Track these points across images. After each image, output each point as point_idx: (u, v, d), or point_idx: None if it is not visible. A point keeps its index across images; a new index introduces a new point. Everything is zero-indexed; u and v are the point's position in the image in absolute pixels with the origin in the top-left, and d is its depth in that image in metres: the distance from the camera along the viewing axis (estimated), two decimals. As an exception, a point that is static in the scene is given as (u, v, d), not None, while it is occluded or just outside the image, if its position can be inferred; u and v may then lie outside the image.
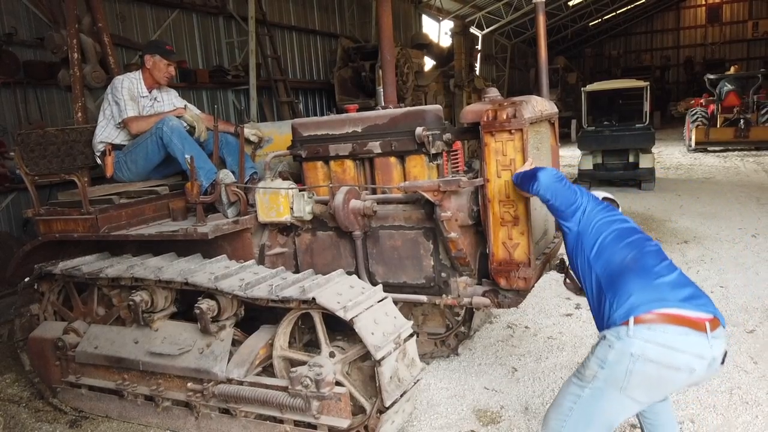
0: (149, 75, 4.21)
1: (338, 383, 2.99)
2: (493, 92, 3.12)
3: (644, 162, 11.08)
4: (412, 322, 3.08)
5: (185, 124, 4.06)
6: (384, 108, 3.77)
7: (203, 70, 9.30)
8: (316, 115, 12.50)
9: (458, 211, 3.03)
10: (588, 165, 11.50)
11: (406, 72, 11.12)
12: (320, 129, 3.57)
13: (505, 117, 2.81)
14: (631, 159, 11.25)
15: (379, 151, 3.38)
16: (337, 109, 10.76)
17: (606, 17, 31.53)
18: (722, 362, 2.04)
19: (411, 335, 3.05)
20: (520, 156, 2.81)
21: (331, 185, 3.37)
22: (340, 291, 3.02)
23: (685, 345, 1.99)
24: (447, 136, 3.28)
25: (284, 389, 3.02)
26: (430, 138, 3.20)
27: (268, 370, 3.32)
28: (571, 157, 15.20)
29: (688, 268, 6.12)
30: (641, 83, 12.28)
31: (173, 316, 3.63)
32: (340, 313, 2.83)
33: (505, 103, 2.88)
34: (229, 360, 3.26)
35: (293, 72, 11.97)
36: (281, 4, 11.64)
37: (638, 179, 11.15)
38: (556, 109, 3.39)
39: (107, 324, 3.77)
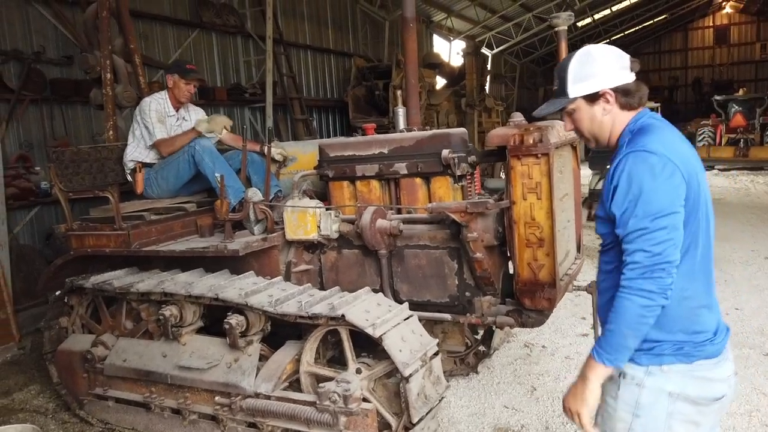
0: (173, 94, 4.34)
1: (365, 399, 3.05)
2: (518, 117, 3.22)
3: None
4: (437, 340, 3.15)
5: (213, 137, 4.22)
6: (408, 130, 3.89)
7: (221, 88, 9.49)
8: (330, 133, 12.66)
9: (484, 232, 3.11)
10: (599, 185, 11.59)
11: (419, 91, 11.26)
12: (347, 150, 3.68)
13: (531, 141, 2.90)
14: (642, 178, 11.34)
15: (405, 172, 3.48)
16: (353, 128, 10.90)
17: (614, 38, 31.81)
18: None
19: (436, 353, 3.12)
20: (546, 179, 2.90)
21: (358, 205, 3.46)
22: (367, 308, 3.09)
23: (720, 371, 1.74)
24: (472, 158, 3.38)
25: (312, 404, 3.08)
26: (456, 160, 3.29)
27: (293, 385, 3.38)
28: (583, 176, 15.28)
29: (702, 288, 6.16)
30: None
31: (200, 331, 3.71)
32: (369, 330, 2.90)
33: (532, 128, 2.98)
34: (256, 375, 3.33)
35: (308, 90, 12.16)
36: (297, 24, 11.86)
37: None
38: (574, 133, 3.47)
39: (135, 337, 3.86)
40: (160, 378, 3.59)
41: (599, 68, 1.80)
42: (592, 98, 1.83)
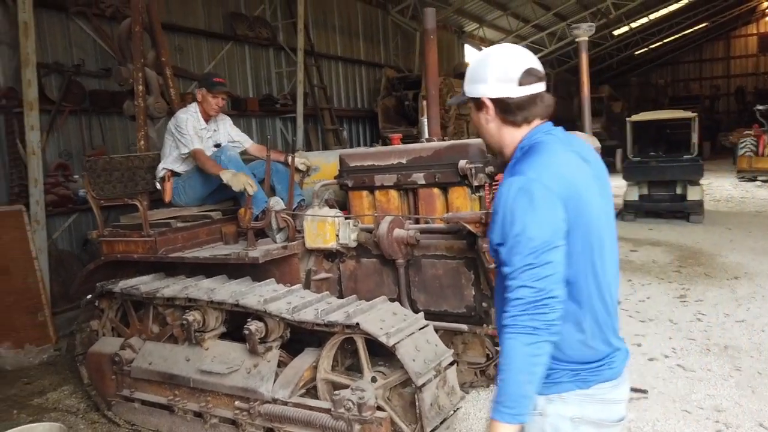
0: (202, 108, 4.47)
1: (380, 408, 3.07)
2: (536, 128, 3.21)
3: (692, 194, 10.88)
4: (452, 351, 3.15)
5: (239, 147, 4.37)
6: (428, 140, 3.92)
7: (253, 98, 9.69)
8: (360, 142, 12.78)
9: (500, 243, 3.10)
10: (634, 196, 11.37)
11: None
12: (366, 160, 3.73)
13: (547, 153, 2.89)
14: (679, 191, 11.06)
15: (423, 182, 3.51)
16: (382, 138, 10.98)
17: (652, 46, 31.20)
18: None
19: (451, 363, 3.12)
20: (562, 191, 2.88)
21: (375, 214, 3.51)
22: (383, 317, 3.12)
23: (618, 393, 1.69)
24: (489, 168, 3.38)
25: (327, 411, 3.12)
26: (473, 170, 3.31)
27: (310, 391, 3.43)
28: (616, 187, 14.98)
29: (738, 305, 5.98)
30: (689, 114, 12.12)
31: (222, 336, 3.79)
32: (383, 339, 2.92)
33: (548, 139, 2.97)
34: (275, 381, 3.38)
35: (338, 101, 12.31)
36: (329, 36, 12.05)
37: (686, 212, 10.94)
38: (597, 144, 3.45)
39: (161, 341, 3.97)
40: (183, 381, 3.69)
41: (484, 74, 1.67)
42: (477, 104, 1.73)
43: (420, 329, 3.15)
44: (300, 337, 3.59)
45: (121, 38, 4.76)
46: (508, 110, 1.66)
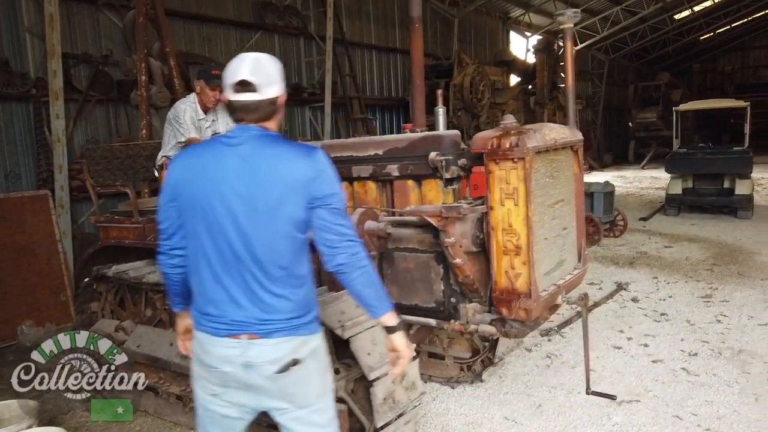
0: (200, 99, 4.53)
1: (340, 399, 3.06)
2: (510, 119, 3.10)
3: (741, 188, 10.29)
4: (415, 345, 3.09)
5: None
6: (412, 131, 3.85)
7: (281, 87, 9.76)
8: (392, 131, 12.72)
9: (462, 238, 3.02)
10: (677, 189, 10.86)
11: (482, 89, 11.06)
12: (345, 151, 3.70)
13: (508, 145, 2.79)
14: (726, 184, 10.49)
15: (397, 174, 3.45)
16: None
17: (719, 30, 29.46)
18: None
19: (414, 358, 3.07)
20: (523, 185, 2.77)
21: (350, 206, 3.47)
22: (344, 310, 3.10)
23: (214, 349, 2.03)
24: (462, 161, 3.29)
25: (289, 401, 3.14)
26: (444, 163, 3.23)
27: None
28: (663, 179, 14.37)
29: (766, 307, 5.63)
30: (741, 103, 11.46)
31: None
32: (338, 332, 2.91)
33: (512, 131, 2.86)
34: (246, 368, 3.43)
35: (371, 90, 12.27)
36: (363, 24, 12.00)
37: (734, 207, 10.36)
38: (579, 136, 3.30)
39: (151, 325, 4.10)
40: (165, 365, 3.80)
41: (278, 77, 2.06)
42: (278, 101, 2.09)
43: (383, 323, 3.11)
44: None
45: (126, 29, 4.90)
46: (230, 109, 2.03)
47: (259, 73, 1.96)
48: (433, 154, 3.23)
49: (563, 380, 4.29)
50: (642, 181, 17.87)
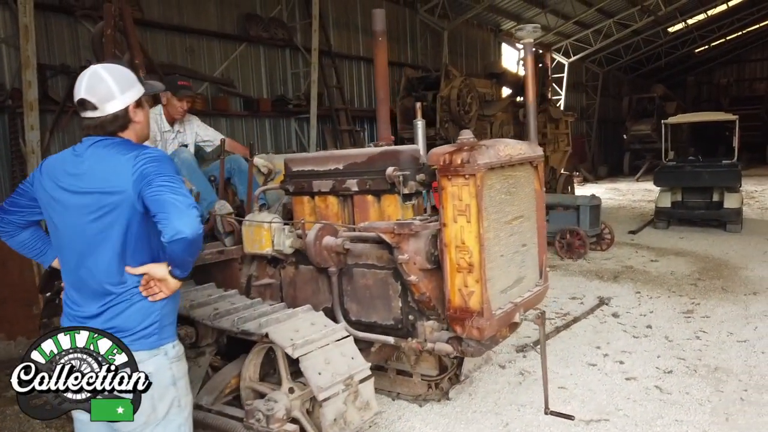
0: (167, 111, 4.49)
1: (294, 420, 2.99)
2: (467, 134, 3.04)
3: (730, 202, 10.23)
4: (369, 364, 3.03)
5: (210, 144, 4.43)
6: (376, 145, 3.80)
7: (266, 99, 9.76)
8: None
9: (416, 255, 2.96)
10: (666, 202, 10.81)
11: (469, 102, 11.04)
12: (307, 165, 3.65)
13: (459, 161, 2.73)
14: (716, 198, 10.43)
15: (357, 189, 3.40)
16: (400, 139, 10.85)
17: (713, 44, 29.58)
18: None
19: (367, 377, 3.00)
20: (475, 201, 2.72)
21: (303, 221, 3.42)
22: (298, 328, 3.03)
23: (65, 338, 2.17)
24: (420, 176, 3.23)
25: (241, 421, 3.07)
26: (401, 178, 3.17)
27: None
28: (652, 192, 14.32)
29: (746, 323, 5.56)
30: (730, 117, 11.45)
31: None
32: (289, 351, 2.84)
33: (465, 148, 2.80)
34: (201, 386, 3.36)
35: (359, 101, 12.25)
36: (350, 36, 12.01)
37: (723, 220, 10.30)
38: (539, 152, 3.24)
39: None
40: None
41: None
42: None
43: (337, 341, 3.04)
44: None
45: (94, 41, 4.87)
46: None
47: (96, 89, 1.97)
48: (390, 170, 3.17)
49: (533, 398, 4.20)
50: (635, 194, 17.84)
